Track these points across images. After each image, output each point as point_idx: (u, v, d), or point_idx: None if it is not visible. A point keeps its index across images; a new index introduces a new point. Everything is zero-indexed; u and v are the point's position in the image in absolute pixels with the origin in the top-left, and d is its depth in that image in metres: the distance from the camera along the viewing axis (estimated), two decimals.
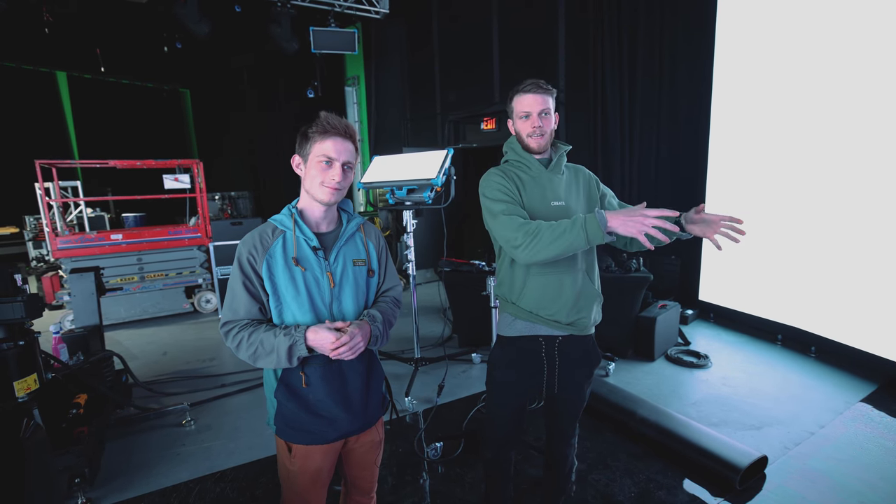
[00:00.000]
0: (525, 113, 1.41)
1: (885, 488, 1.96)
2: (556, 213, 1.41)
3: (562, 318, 1.42)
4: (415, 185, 2.72)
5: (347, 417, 1.24)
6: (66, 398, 2.26)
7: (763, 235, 3.68)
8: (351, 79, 8.52)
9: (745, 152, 3.80)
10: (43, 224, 6.89)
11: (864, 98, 2.95)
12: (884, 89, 2.82)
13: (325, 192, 1.17)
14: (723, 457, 2.04)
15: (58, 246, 4.56)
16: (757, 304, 3.81)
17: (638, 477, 2.09)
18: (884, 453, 2.21)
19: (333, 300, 1.21)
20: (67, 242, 4.60)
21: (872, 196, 2.94)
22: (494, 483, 1.67)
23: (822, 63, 3.18)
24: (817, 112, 3.24)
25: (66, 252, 4.57)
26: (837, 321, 3.21)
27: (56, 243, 4.57)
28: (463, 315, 3.79)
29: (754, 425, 2.50)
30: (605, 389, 2.69)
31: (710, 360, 3.31)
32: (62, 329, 2.87)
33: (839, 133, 3.11)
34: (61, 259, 4.65)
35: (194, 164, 5.22)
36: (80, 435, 2.08)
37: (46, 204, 4.75)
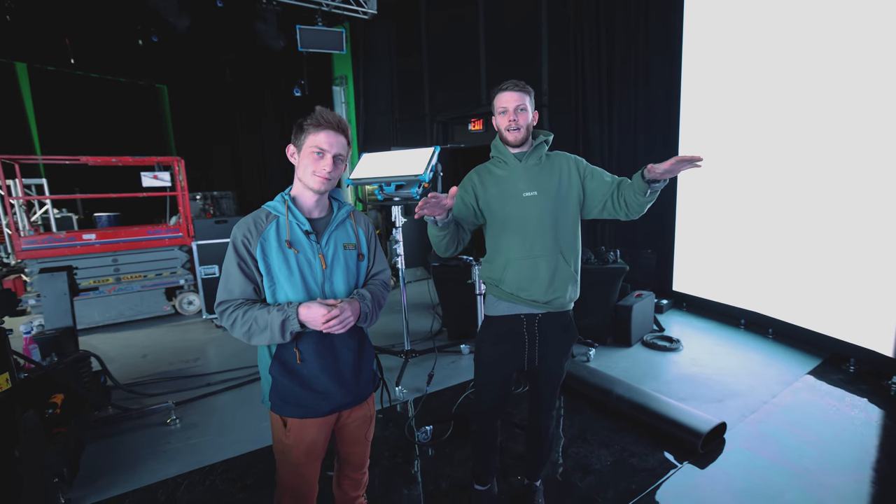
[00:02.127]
0: (503, 108, 1.52)
1: (821, 445, 2.21)
2: (528, 202, 1.53)
3: (539, 297, 1.55)
4: (403, 181, 2.78)
5: (340, 391, 1.31)
6: (41, 398, 2.21)
7: (728, 229, 3.95)
8: (339, 78, 8.45)
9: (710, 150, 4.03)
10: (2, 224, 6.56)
11: (819, 94, 3.17)
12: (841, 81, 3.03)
13: (315, 180, 1.24)
14: (687, 424, 2.22)
15: (22, 246, 4.36)
16: (724, 293, 4.07)
17: (613, 448, 2.24)
18: (821, 415, 2.47)
19: (325, 281, 1.28)
20: (33, 243, 4.42)
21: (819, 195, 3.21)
22: (481, 453, 1.77)
23: (782, 61, 3.40)
24: (775, 114, 3.48)
25: (33, 253, 4.38)
26: (791, 305, 3.49)
27: (20, 244, 4.36)
28: (452, 309, 3.88)
29: (717, 398, 2.69)
30: (585, 372, 2.84)
31: (681, 345, 3.52)
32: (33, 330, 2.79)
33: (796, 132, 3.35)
34: (26, 260, 4.46)
35: (175, 162, 5.08)
36: (58, 435, 2.05)
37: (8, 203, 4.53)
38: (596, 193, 1.56)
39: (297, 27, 6.14)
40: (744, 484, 1.93)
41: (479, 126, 6.25)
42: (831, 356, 3.19)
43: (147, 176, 4.87)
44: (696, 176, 4.19)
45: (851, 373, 2.96)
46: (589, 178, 1.58)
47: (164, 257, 4.94)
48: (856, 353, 3.03)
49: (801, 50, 3.25)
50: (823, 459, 2.08)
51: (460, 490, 1.96)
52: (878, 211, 2.85)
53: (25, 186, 6.57)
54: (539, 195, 1.54)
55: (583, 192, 1.58)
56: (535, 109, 1.56)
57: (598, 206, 1.56)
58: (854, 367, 3.00)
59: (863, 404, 2.57)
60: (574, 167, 1.59)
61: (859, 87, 2.92)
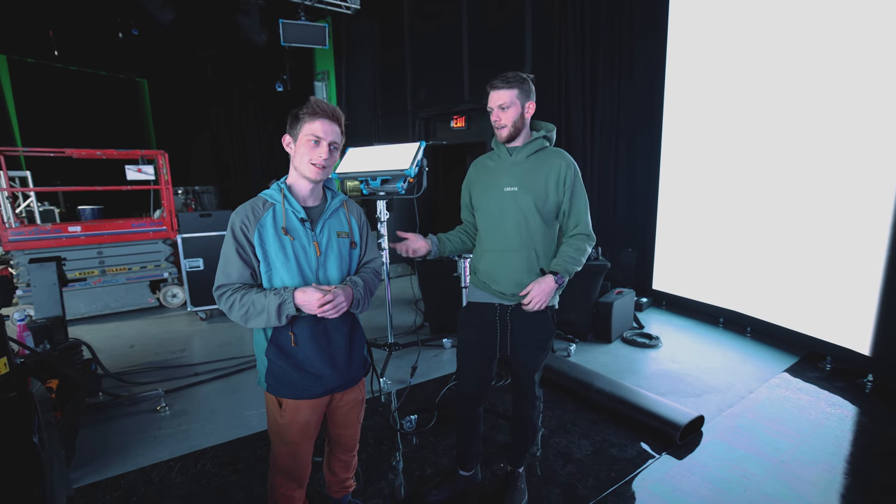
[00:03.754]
0: (489, 108, 1.58)
1: (797, 438, 2.30)
2: (507, 197, 1.58)
3: (507, 290, 1.61)
4: (388, 175, 2.82)
5: (333, 374, 1.37)
6: None
7: (707, 229, 4.07)
8: (321, 73, 8.46)
9: (691, 151, 4.17)
10: None
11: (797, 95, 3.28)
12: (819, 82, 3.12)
13: (312, 169, 1.29)
14: (666, 417, 2.31)
15: (9, 237, 4.34)
16: (703, 292, 4.20)
17: (594, 438, 2.32)
18: (797, 411, 2.57)
19: (319, 267, 1.33)
20: (20, 234, 4.39)
21: (795, 196, 3.34)
22: (464, 438, 1.84)
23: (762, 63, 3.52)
24: (752, 117, 3.62)
25: (19, 244, 4.36)
26: (769, 304, 3.62)
27: (7, 235, 4.35)
28: (434, 303, 3.95)
29: (695, 393, 2.80)
30: (565, 366, 2.93)
31: (660, 341, 3.63)
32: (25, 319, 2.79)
33: (770, 134, 3.50)
34: (13, 252, 4.43)
35: (159, 156, 5.07)
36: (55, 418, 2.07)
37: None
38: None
39: (279, 21, 6.13)
40: (720, 474, 2.01)
41: (461, 123, 6.28)
42: (808, 354, 3.30)
43: (131, 169, 4.85)
44: (676, 176, 4.33)
45: (828, 371, 3.05)
46: (566, 199, 1.58)
47: (149, 250, 4.93)
48: (832, 351, 3.11)
49: (781, 53, 3.37)
50: (798, 452, 2.16)
51: (445, 476, 2.02)
52: (856, 210, 2.93)
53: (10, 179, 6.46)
54: (519, 191, 1.57)
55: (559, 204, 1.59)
56: (530, 100, 1.54)
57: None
58: (830, 364, 3.09)
59: (838, 401, 2.65)
60: (563, 175, 1.56)
61: (836, 87, 3.01)
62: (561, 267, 1.56)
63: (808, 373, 3.06)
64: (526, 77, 1.54)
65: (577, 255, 1.57)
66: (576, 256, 1.57)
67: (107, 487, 1.98)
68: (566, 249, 1.59)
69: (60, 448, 1.91)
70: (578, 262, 1.58)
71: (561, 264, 1.56)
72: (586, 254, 1.60)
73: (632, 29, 4.45)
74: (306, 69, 8.41)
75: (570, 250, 1.58)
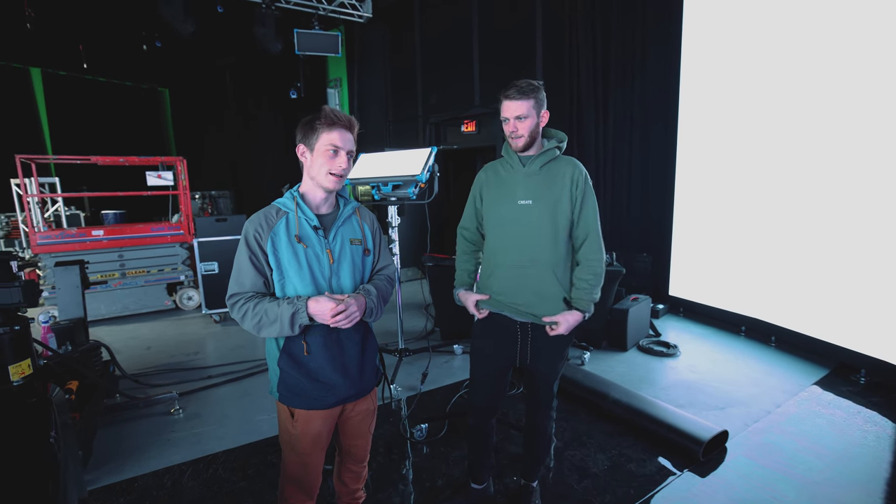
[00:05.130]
0: (504, 118, 1.54)
1: (829, 456, 2.18)
2: (522, 211, 1.54)
3: (523, 308, 1.57)
4: (400, 181, 2.82)
5: (345, 384, 1.34)
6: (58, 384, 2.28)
7: (727, 233, 3.94)
8: (334, 80, 8.59)
9: (709, 153, 4.05)
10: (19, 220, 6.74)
11: (823, 94, 3.16)
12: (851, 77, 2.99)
13: (330, 179, 1.28)
14: (687, 431, 2.22)
15: (38, 241, 4.49)
16: (723, 299, 4.06)
17: (610, 452, 2.25)
18: (829, 427, 2.44)
19: (332, 275, 1.32)
20: (48, 238, 4.54)
21: (825, 195, 3.19)
22: (476, 449, 1.79)
23: (784, 60, 3.40)
24: (777, 112, 3.48)
25: (47, 248, 4.50)
26: (795, 312, 3.47)
27: (36, 238, 4.50)
28: (445, 309, 3.91)
29: (718, 406, 2.70)
30: (580, 375, 2.86)
31: (678, 350, 3.52)
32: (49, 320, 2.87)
33: (795, 134, 3.36)
34: (41, 255, 4.57)
35: (178, 162, 5.20)
36: (73, 420, 2.11)
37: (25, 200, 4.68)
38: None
39: (294, 31, 6.28)
40: (747, 494, 1.91)
41: (471, 127, 6.29)
42: (839, 366, 3.14)
43: (151, 175, 4.97)
44: (693, 176, 4.21)
45: (862, 384, 2.89)
46: (577, 207, 1.54)
47: (166, 254, 5.04)
48: (867, 363, 2.95)
49: (811, 42, 3.21)
50: (832, 472, 2.04)
51: (456, 488, 1.98)
52: (889, 211, 2.78)
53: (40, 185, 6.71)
54: (534, 204, 1.53)
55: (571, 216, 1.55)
56: (544, 109, 1.53)
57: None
58: (865, 378, 2.93)
59: (875, 417, 2.49)
60: (575, 182, 1.53)
61: (869, 85, 2.87)
62: (585, 305, 1.56)
63: (841, 386, 2.91)
64: (539, 85, 1.53)
65: (595, 283, 1.57)
66: (594, 284, 1.57)
67: (121, 490, 2.00)
68: (583, 277, 1.57)
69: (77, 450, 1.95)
70: (598, 289, 1.58)
71: (584, 300, 1.56)
72: (602, 276, 1.58)
73: (645, 27, 4.37)
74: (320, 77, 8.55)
75: (587, 276, 1.56)
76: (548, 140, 1.61)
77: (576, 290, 1.57)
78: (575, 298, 1.57)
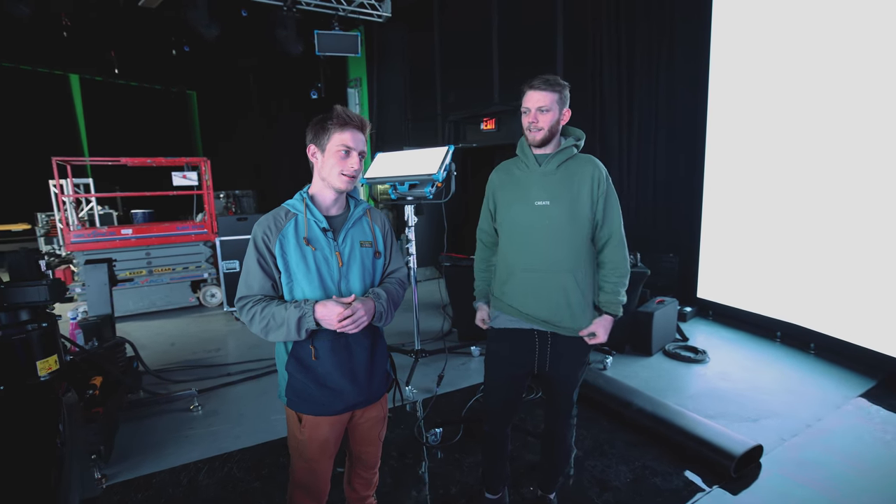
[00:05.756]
0: (525, 108, 1.48)
1: (879, 478, 2.00)
2: (539, 212, 1.47)
3: (540, 316, 1.50)
4: (416, 180, 2.78)
5: (354, 390, 1.30)
6: (83, 380, 2.34)
7: (761, 232, 3.73)
8: (354, 80, 8.64)
9: (741, 149, 3.85)
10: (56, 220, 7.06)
11: (863, 93, 2.97)
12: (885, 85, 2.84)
13: (342, 180, 1.25)
14: (718, 445, 2.09)
15: (72, 240, 4.68)
16: (756, 302, 3.84)
17: (633, 464, 2.14)
18: (880, 446, 2.24)
19: (342, 278, 1.28)
20: (81, 236, 4.73)
21: (871, 191, 2.97)
22: (491, 458, 1.73)
23: (823, 55, 3.20)
24: (815, 107, 3.28)
25: (80, 246, 4.69)
26: (837, 318, 3.24)
27: (70, 237, 4.69)
28: (462, 309, 3.85)
29: (751, 417, 2.54)
30: (601, 381, 2.75)
31: (707, 356, 3.35)
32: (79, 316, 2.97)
33: (836, 128, 3.15)
34: (74, 252, 4.76)
35: (202, 162, 5.32)
36: (96, 414, 2.16)
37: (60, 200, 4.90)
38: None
39: (314, 32, 6.34)
40: None
41: (490, 125, 6.21)
42: (889, 377, 2.91)
43: (177, 175, 5.11)
44: (724, 175, 4.01)
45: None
46: (599, 207, 1.49)
47: (190, 252, 5.17)
48: None
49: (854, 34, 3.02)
50: (879, 495, 1.87)
51: (470, 497, 1.92)
52: None
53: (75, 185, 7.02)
54: (551, 205, 1.46)
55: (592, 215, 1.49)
56: (566, 107, 1.48)
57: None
58: None
59: None
60: (596, 182, 1.47)
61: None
62: (614, 308, 1.54)
63: (891, 399, 2.69)
64: (565, 84, 1.49)
65: (621, 284, 1.54)
66: (621, 286, 1.54)
67: (139, 486, 2.03)
68: (609, 280, 1.53)
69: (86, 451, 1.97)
70: (624, 290, 1.55)
71: (612, 303, 1.54)
72: (627, 276, 1.55)
73: (672, 25, 4.22)
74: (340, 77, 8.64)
75: (613, 278, 1.53)
76: (565, 138, 1.54)
77: (603, 294, 1.54)
78: (603, 302, 1.54)
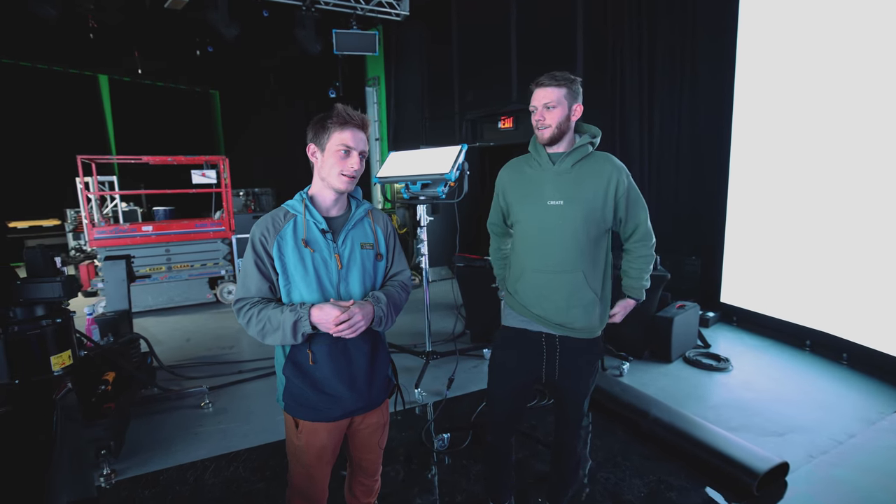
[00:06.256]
0: (532, 107, 1.43)
1: None
2: (552, 212, 1.41)
3: (552, 317, 1.44)
4: (429, 179, 2.75)
5: (352, 396, 1.26)
6: (96, 375, 2.38)
7: (790, 234, 3.54)
8: (372, 79, 8.66)
9: (770, 148, 3.66)
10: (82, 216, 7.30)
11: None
12: None
13: (342, 180, 1.22)
14: (740, 461, 1.97)
15: (94, 236, 4.81)
16: (784, 308, 3.65)
17: (648, 478, 2.04)
18: None
19: (341, 281, 1.24)
20: (103, 233, 4.85)
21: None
22: (495, 469, 1.68)
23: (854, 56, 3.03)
24: (854, 103, 3.09)
25: (102, 242, 4.81)
26: (872, 326, 3.05)
27: (93, 233, 4.82)
28: (475, 311, 3.79)
29: (777, 431, 2.40)
30: (617, 388, 2.65)
31: (731, 364, 3.20)
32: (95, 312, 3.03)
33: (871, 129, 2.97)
34: (97, 248, 4.90)
35: (220, 161, 5.40)
36: (108, 410, 2.19)
37: (85, 197, 5.04)
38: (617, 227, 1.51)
39: (333, 31, 6.35)
40: None
41: (508, 124, 6.13)
42: None
43: (196, 173, 5.20)
44: (751, 172, 3.83)
45: None
46: (622, 206, 1.44)
47: (208, 249, 5.25)
48: None
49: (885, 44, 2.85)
50: None
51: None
52: None
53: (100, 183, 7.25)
54: (565, 205, 1.40)
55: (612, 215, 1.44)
56: (577, 102, 1.41)
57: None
58: None
59: None
60: (615, 182, 1.41)
61: None
62: (637, 293, 1.58)
63: None
64: (575, 78, 1.41)
65: (646, 267, 1.56)
66: (645, 269, 1.56)
67: (146, 482, 2.05)
68: (634, 265, 1.56)
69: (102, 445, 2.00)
70: (648, 274, 1.57)
71: (635, 288, 1.57)
72: (652, 259, 1.56)
73: (695, 23, 4.08)
74: (358, 76, 8.68)
75: (637, 264, 1.55)
76: (580, 135, 1.47)
77: (627, 279, 1.58)
78: (626, 287, 1.58)
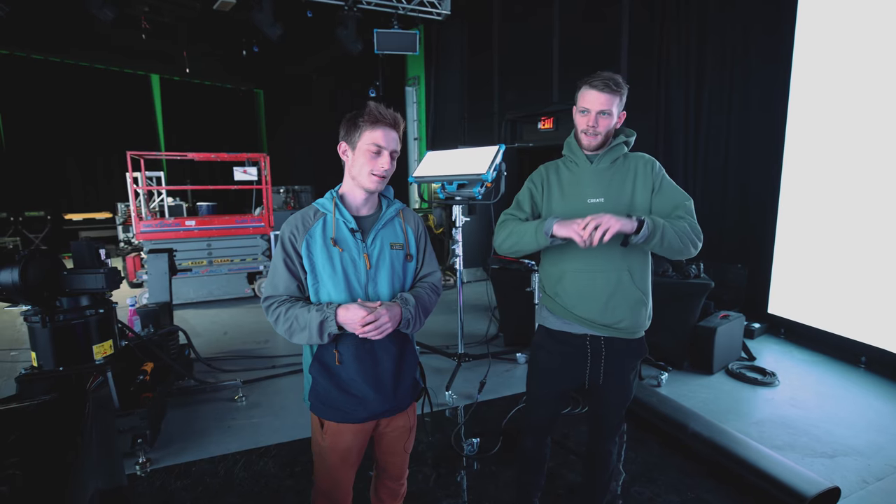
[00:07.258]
0: (584, 108, 1.38)
1: None
2: (592, 210, 1.36)
3: (595, 317, 1.40)
4: (465, 179, 2.72)
5: (378, 398, 1.26)
6: (135, 365, 2.50)
7: (846, 244, 3.29)
8: (412, 79, 8.71)
9: (826, 154, 3.41)
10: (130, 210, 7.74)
11: None
12: None
13: (372, 180, 1.21)
14: (786, 483, 1.84)
15: (140, 229, 5.07)
16: (837, 321, 3.40)
17: (685, 495, 1.94)
18: None
19: (369, 281, 1.23)
20: (149, 227, 5.12)
21: None
22: (528, 472, 1.65)
23: None
24: None
25: (148, 235, 5.07)
26: None
27: (139, 227, 5.09)
28: (510, 314, 3.73)
29: (826, 453, 2.23)
30: (654, 399, 2.53)
31: (777, 379, 3.01)
32: (137, 303, 3.18)
33: None
34: (143, 241, 5.17)
35: (262, 158, 5.57)
36: (145, 400, 2.29)
37: (134, 191, 5.33)
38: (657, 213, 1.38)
39: (374, 31, 6.39)
40: None
41: (548, 125, 6.02)
42: None
43: (238, 170, 5.38)
44: (805, 178, 3.58)
45: None
46: (657, 192, 1.40)
47: (248, 244, 5.42)
48: None
49: None
50: None
51: None
52: None
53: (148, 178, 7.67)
54: (606, 203, 1.39)
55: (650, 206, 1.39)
56: (622, 110, 1.39)
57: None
58: None
59: None
60: (649, 174, 1.41)
61: None
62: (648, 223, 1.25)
63: None
64: (626, 85, 1.38)
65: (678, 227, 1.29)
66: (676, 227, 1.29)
67: (179, 473, 2.12)
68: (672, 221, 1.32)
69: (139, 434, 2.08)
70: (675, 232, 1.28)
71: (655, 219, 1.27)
72: (689, 235, 1.30)
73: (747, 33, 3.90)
74: (398, 75, 8.73)
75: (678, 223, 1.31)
76: (614, 137, 1.44)
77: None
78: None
